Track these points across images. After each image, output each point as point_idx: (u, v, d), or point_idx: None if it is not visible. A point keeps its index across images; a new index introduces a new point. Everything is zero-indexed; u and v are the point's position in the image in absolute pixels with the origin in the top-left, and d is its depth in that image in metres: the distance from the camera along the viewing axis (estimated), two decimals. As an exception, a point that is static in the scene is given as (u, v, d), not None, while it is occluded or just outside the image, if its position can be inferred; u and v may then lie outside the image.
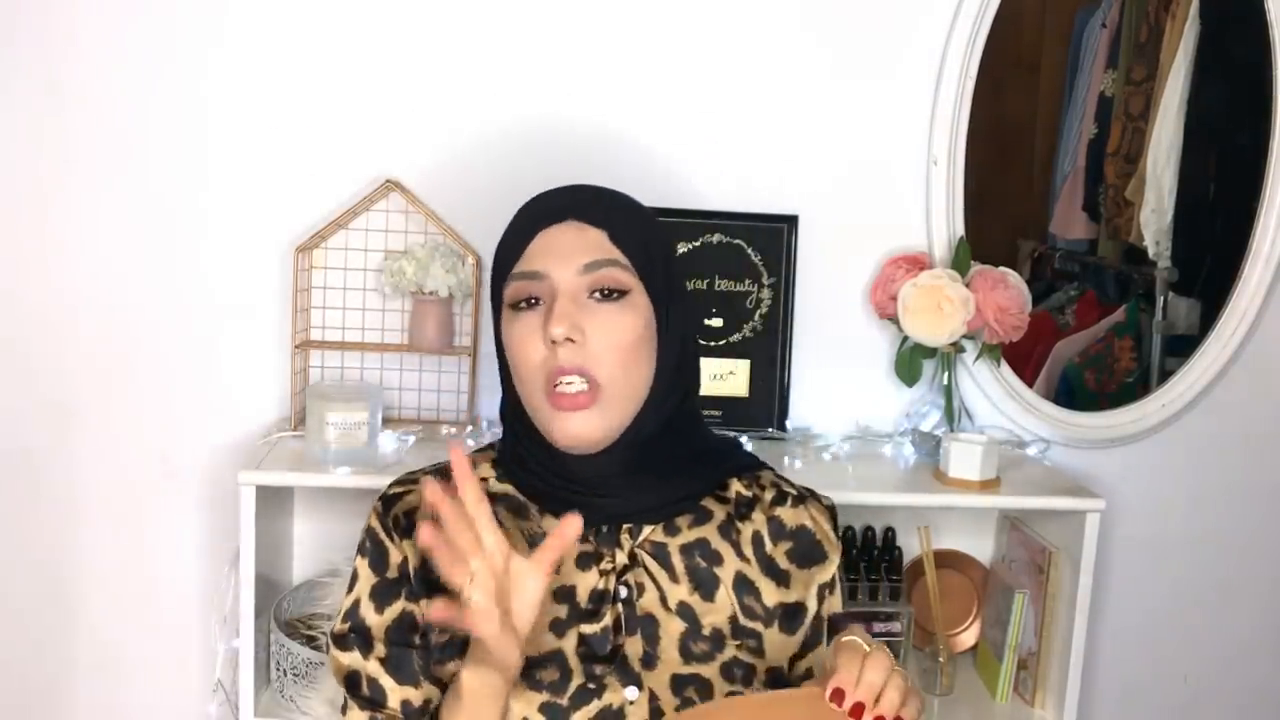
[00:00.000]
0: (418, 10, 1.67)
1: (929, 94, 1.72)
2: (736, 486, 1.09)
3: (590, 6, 1.68)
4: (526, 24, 1.68)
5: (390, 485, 1.09)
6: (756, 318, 1.72)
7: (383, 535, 1.06)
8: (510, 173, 1.70)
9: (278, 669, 1.57)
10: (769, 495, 1.09)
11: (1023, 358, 1.83)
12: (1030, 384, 1.82)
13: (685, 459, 1.05)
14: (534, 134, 1.70)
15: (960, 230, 1.73)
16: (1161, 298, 1.90)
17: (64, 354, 1.71)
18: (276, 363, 1.70)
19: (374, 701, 1.03)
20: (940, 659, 1.67)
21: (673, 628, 1.02)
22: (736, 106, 1.71)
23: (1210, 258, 1.91)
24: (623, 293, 0.99)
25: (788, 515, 1.08)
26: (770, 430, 1.73)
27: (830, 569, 1.08)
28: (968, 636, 1.79)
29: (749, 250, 1.71)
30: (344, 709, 1.05)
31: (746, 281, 1.72)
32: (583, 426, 0.97)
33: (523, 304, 1.00)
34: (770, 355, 1.73)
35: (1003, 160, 1.92)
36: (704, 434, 1.11)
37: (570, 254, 0.99)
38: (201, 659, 1.74)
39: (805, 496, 1.11)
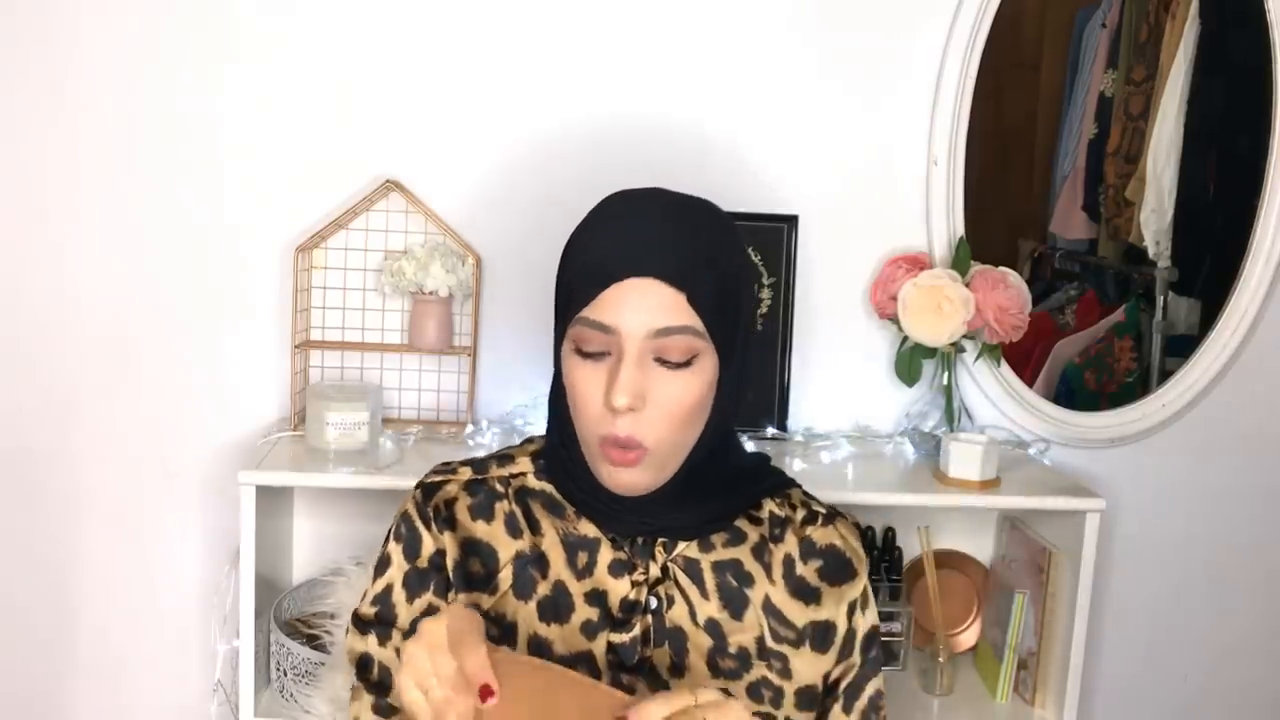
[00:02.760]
0: (418, 12, 1.67)
1: (929, 94, 1.72)
2: (769, 506, 1.08)
3: (590, 7, 1.68)
4: (525, 25, 1.68)
5: (429, 474, 1.09)
6: (757, 317, 1.72)
7: (419, 523, 1.05)
8: (510, 173, 1.70)
9: (278, 669, 1.57)
10: (800, 515, 1.09)
11: (1023, 358, 1.83)
12: (1030, 384, 1.82)
13: (723, 480, 1.05)
14: (533, 134, 1.70)
15: (960, 230, 1.73)
16: (1161, 298, 1.90)
17: (65, 354, 1.71)
18: (276, 363, 1.70)
19: (381, 686, 1.03)
20: (940, 659, 1.67)
21: (700, 642, 1.02)
22: (736, 106, 1.71)
23: (1210, 257, 1.91)
24: (684, 363, 0.96)
25: (818, 535, 1.08)
26: (770, 430, 1.73)
27: (859, 585, 1.07)
28: (968, 636, 1.79)
29: (749, 250, 1.71)
30: (353, 693, 1.05)
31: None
32: (630, 480, 0.97)
33: (588, 352, 0.97)
34: (770, 355, 1.73)
35: (1003, 160, 1.92)
36: (739, 452, 1.11)
37: (646, 314, 0.94)
38: (201, 659, 1.74)
39: (834, 515, 1.10)
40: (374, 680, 1.03)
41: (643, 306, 0.94)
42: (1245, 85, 1.84)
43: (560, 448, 1.05)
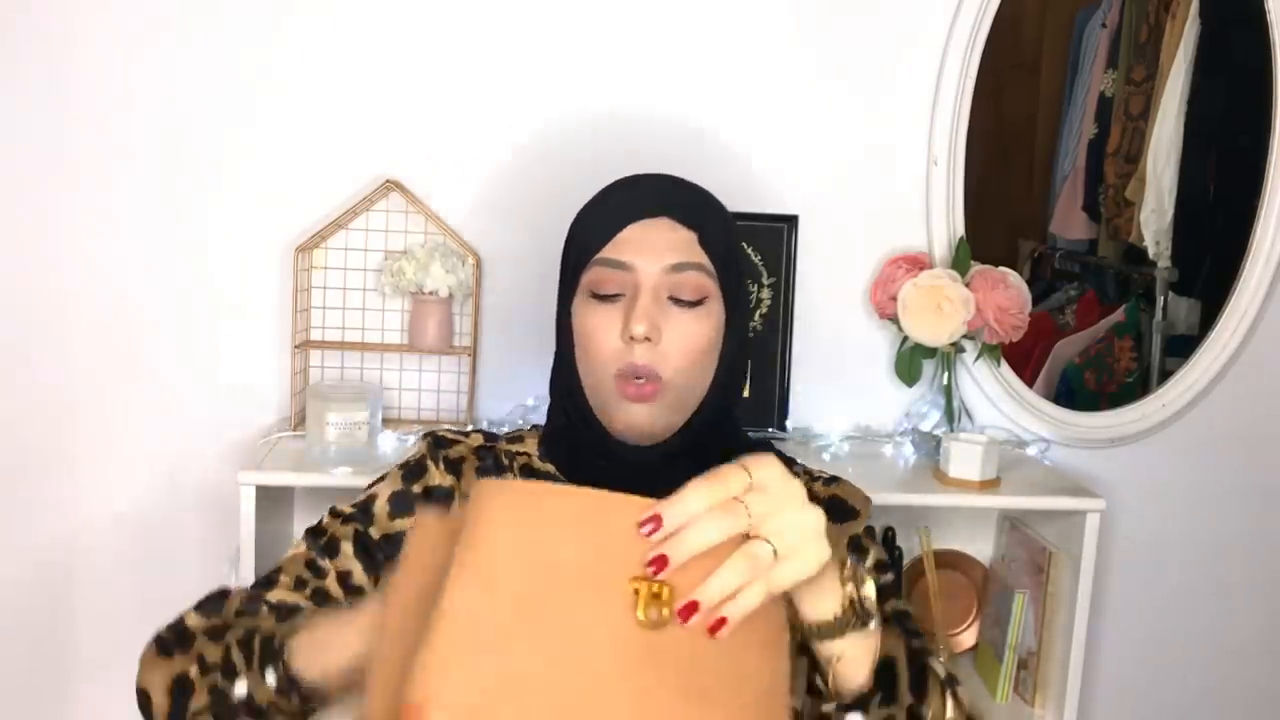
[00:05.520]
0: (417, 11, 1.67)
1: (929, 94, 1.72)
2: None
3: (590, 7, 1.68)
4: (525, 26, 1.68)
5: (438, 430, 1.13)
6: (756, 317, 1.72)
7: (429, 461, 1.09)
8: (510, 173, 1.70)
9: (278, 669, 1.57)
10: (802, 479, 1.10)
11: (1023, 358, 1.83)
12: (1030, 384, 1.82)
13: (724, 455, 1.05)
14: (533, 134, 1.70)
15: (960, 230, 1.73)
16: (1161, 298, 1.90)
17: (65, 354, 1.71)
18: (276, 363, 1.70)
19: (328, 550, 1.04)
20: (940, 659, 1.67)
21: None
22: (736, 106, 1.71)
23: (1210, 258, 1.91)
24: (697, 301, 1.00)
25: (819, 489, 1.10)
26: (770, 430, 1.73)
27: (863, 522, 1.08)
28: (968, 636, 1.79)
29: (749, 250, 1.71)
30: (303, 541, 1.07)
31: (747, 281, 1.72)
32: (643, 418, 0.99)
33: (604, 294, 1.01)
34: (770, 355, 1.73)
35: (1003, 160, 1.92)
36: (741, 433, 1.12)
37: (660, 251, 0.99)
38: (201, 659, 1.74)
39: (837, 479, 1.13)
40: (321, 545, 1.04)
41: (658, 244, 0.99)
42: (1245, 85, 1.84)
43: (566, 424, 1.06)
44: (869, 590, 0.76)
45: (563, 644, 0.63)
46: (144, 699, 0.93)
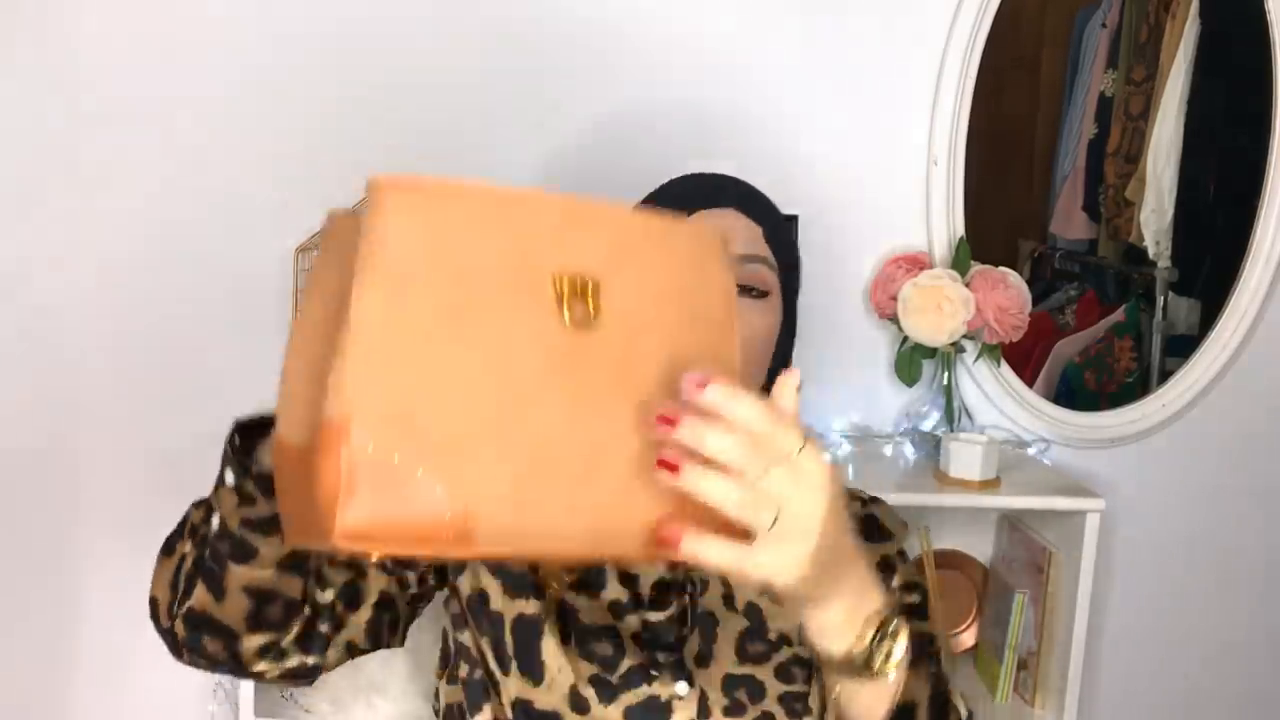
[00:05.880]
0: (418, 11, 1.67)
1: (929, 94, 1.72)
2: None
3: (590, 9, 1.68)
4: (524, 27, 1.68)
5: None
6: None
7: None
8: (509, 174, 1.70)
9: (278, 669, 1.57)
10: None
11: (1023, 358, 1.83)
12: (1030, 384, 1.82)
13: None
14: (531, 134, 1.70)
15: (960, 230, 1.73)
16: (1161, 298, 1.90)
17: (64, 354, 1.71)
18: (277, 363, 1.70)
19: None
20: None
21: (732, 626, 1.00)
22: (736, 106, 1.71)
23: (1210, 258, 1.91)
24: (764, 293, 0.99)
25: (855, 509, 1.07)
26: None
27: (896, 545, 1.06)
28: (967, 637, 1.79)
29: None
30: None
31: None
32: None
33: None
34: (770, 355, 1.73)
35: (1003, 160, 1.92)
36: None
37: (731, 238, 0.96)
38: (201, 659, 1.74)
39: (876, 500, 1.10)
40: None
41: (728, 233, 0.95)
42: (1245, 85, 1.83)
43: None
44: (897, 650, 0.73)
45: (485, 350, 0.60)
46: (153, 606, 0.91)
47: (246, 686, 1.52)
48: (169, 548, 0.91)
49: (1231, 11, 1.82)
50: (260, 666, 0.87)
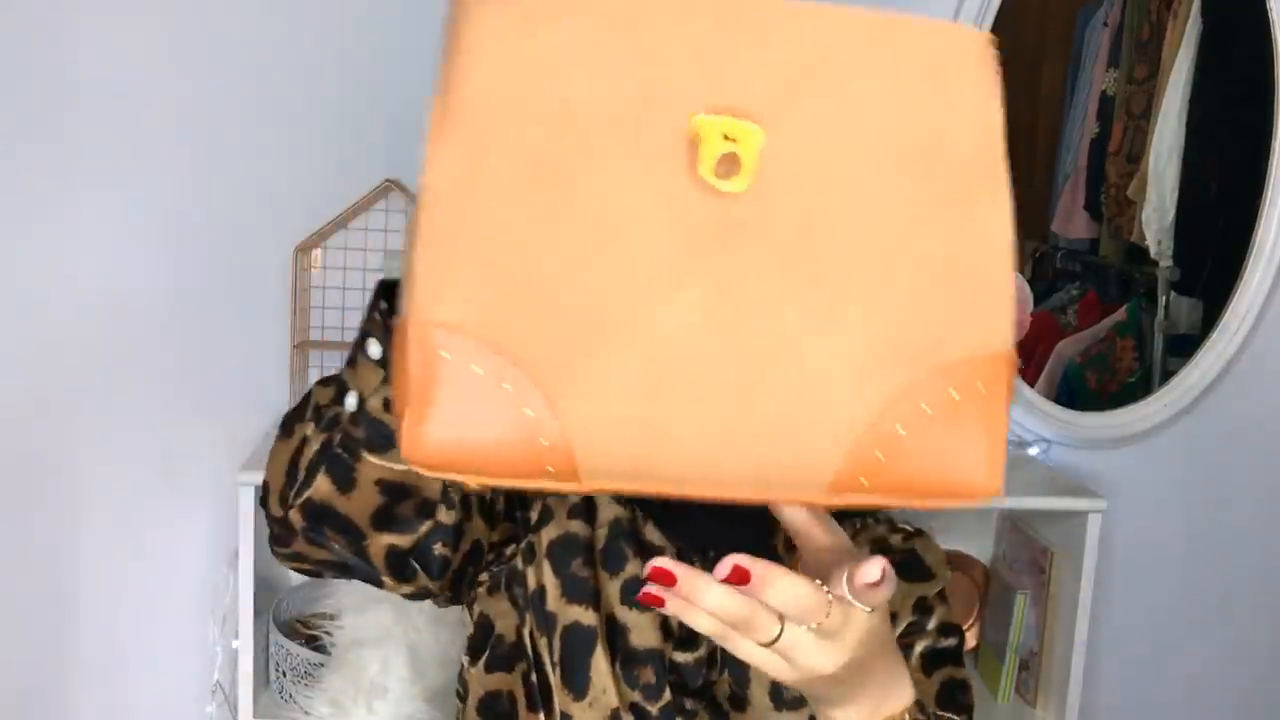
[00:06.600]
0: (418, 10, 1.67)
1: (930, 93, 1.71)
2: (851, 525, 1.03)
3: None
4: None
5: None
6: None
7: None
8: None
9: (277, 670, 1.57)
10: (881, 529, 1.04)
11: (1024, 357, 1.82)
12: (1031, 383, 1.82)
13: None
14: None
15: (961, 230, 1.73)
16: (1163, 297, 1.89)
17: (64, 354, 1.71)
18: (276, 363, 1.70)
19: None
20: None
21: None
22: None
23: (1212, 257, 1.90)
24: None
25: (896, 541, 1.02)
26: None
27: (935, 587, 1.00)
28: (968, 637, 1.79)
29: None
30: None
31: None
32: None
33: None
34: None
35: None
36: None
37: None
38: (200, 659, 1.74)
39: (919, 533, 1.05)
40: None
41: None
42: (1248, 84, 1.83)
43: None
44: None
45: (598, 224, 0.45)
46: (264, 491, 0.78)
47: (245, 687, 1.52)
48: (287, 428, 0.77)
49: (1234, 10, 1.81)
50: (388, 579, 0.78)
